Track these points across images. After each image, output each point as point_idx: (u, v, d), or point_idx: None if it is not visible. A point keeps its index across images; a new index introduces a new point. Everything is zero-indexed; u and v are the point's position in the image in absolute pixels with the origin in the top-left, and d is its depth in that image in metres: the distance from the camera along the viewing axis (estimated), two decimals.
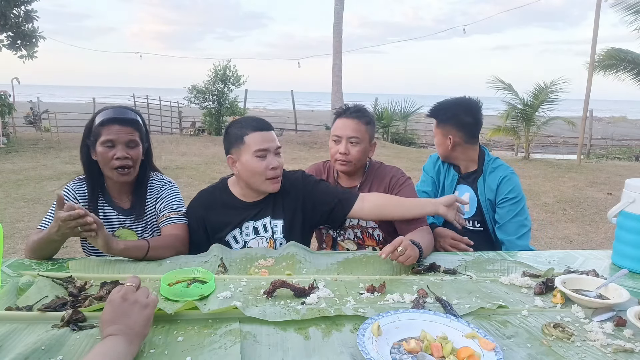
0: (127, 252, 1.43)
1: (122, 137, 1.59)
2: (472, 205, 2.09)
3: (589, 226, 5.44)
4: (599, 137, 16.76)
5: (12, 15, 11.57)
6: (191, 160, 9.73)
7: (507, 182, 2.00)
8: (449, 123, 2.05)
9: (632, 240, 1.48)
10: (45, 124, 14.59)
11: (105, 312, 0.94)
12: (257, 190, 1.68)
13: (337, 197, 1.70)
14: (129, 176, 1.64)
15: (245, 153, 1.60)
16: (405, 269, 1.45)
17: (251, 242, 1.71)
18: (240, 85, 15.79)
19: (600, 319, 1.12)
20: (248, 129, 1.62)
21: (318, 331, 1.05)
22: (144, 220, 1.73)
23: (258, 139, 1.60)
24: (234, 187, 1.74)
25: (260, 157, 1.59)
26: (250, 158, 1.59)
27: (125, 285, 0.98)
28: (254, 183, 1.64)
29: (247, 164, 1.60)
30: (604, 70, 11.14)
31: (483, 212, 2.07)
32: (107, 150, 1.58)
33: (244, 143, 1.61)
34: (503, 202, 2.00)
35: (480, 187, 2.06)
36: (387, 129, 15.00)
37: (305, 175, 1.78)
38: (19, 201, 5.92)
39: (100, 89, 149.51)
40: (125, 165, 1.60)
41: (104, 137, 1.58)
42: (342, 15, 13.94)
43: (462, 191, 2.11)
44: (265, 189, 1.65)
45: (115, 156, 1.58)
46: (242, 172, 1.64)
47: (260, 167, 1.59)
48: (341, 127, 1.86)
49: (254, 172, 1.60)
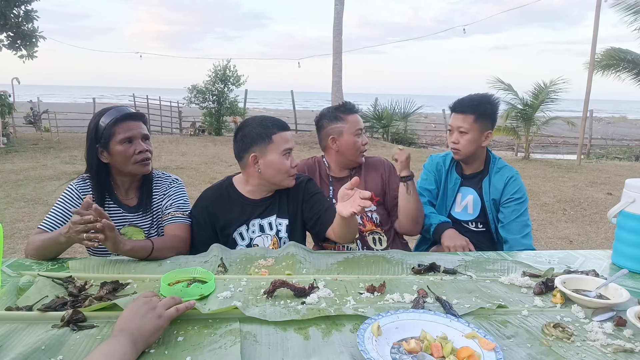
0: (132, 253, 1.46)
1: (137, 132, 1.65)
2: (475, 208, 2.09)
3: (589, 226, 5.44)
4: (599, 137, 16.75)
5: (12, 15, 11.57)
6: (191, 160, 9.73)
7: (513, 183, 2.02)
8: (487, 119, 2.00)
9: (632, 240, 1.48)
10: (45, 124, 14.60)
11: (126, 309, 0.99)
12: (277, 186, 1.73)
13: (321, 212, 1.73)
14: (149, 167, 1.70)
15: (273, 151, 1.67)
16: (405, 269, 1.45)
17: (257, 239, 1.74)
18: (240, 85, 15.79)
19: (600, 319, 1.12)
20: (275, 128, 1.69)
21: (318, 331, 1.05)
22: (149, 216, 1.74)
23: (286, 138, 1.69)
24: (239, 185, 1.78)
25: (286, 156, 1.68)
26: (277, 156, 1.66)
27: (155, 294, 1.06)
28: (276, 179, 1.70)
29: (274, 161, 1.66)
30: (604, 70, 11.14)
31: (487, 212, 2.07)
32: (127, 147, 1.62)
33: (272, 142, 1.67)
34: (508, 201, 2.00)
35: (486, 188, 2.06)
36: (387, 129, 14.99)
37: (310, 181, 1.84)
38: (19, 201, 5.92)
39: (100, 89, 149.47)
40: (146, 157, 1.66)
41: (121, 135, 1.60)
42: (342, 15, 13.93)
43: (465, 194, 2.11)
44: (287, 184, 1.72)
45: (137, 150, 1.63)
46: (266, 169, 1.68)
47: (287, 165, 1.68)
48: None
49: (280, 169, 1.67)
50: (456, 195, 2.12)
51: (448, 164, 2.15)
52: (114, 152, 1.62)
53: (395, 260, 1.52)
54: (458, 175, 2.12)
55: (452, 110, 2.05)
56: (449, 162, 2.15)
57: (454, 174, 2.12)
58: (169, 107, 18.07)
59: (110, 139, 1.60)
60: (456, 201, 2.12)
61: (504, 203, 2.02)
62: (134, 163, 1.64)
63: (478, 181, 2.09)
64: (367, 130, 12.93)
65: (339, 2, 13.51)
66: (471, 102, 2.00)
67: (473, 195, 2.09)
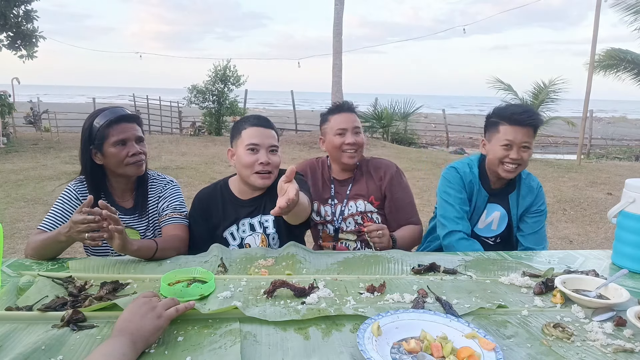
0: (138, 253, 1.46)
1: (131, 134, 1.64)
2: (500, 224, 1.97)
3: (589, 226, 5.44)
4: (599, 137, 16.76)
5: (12, 15, 11.57)
6: (191, 160, 9.73)
7: (540, 193, 1.96)
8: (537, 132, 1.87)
9: (632, 240, 1.48)
10: (45, 124, 14.59)
11: (126, 309, 0.99)
12: (248, 184, 1.73)
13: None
14: (142, 167, 1.69)
15: (240, 146, 1.69)
16: (405, 269, 1.45)
17: (248, 238, 1.75)
18: (240, 85, 15.78)
19: (600, 319, 1.12)
20: (247, 123, 1.71)
21: (318, 331, 1.05)
22: (145, 219, 1.73)
23: (252, 134, 1.68)
24: (233, 184, 1.81)
25: (251, 151, 1.67)
26: (242, 151, 1.68)
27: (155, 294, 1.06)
28: (243, 176, 1.71)
29: (240, 156, 1.69)
30: (604, 70, 11.15)
31: (512, 229, 1.97)
32: (120, 149, 1.61)
33: (240, 136, 1.70)
34: (534, 213, 1.94)
35: (513, 202, 1.94)
36: (387, 129, 14.99)
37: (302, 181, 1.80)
38: (19, 201, 5.92)
39: (100, 89, 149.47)
40: (139, 160, 1.65)
41: (114, 137, 1.60)
42: (342, 16, 13.93)
43: (490, 210, 1.97)
44: (253, 182, 1.69)
45: (130, 153, 1.62)
46: (237, 165, 1.72)
47: (249, 160, 1.66)
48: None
49: (244, 164, 1.68)
50: (482, 213, 1.97)
51: (477, 178, 1.95)
52: (107, 154, 1.61)
53: (395, 260, 1.52)
54: (485, 191, 1.96)
55: (513, 123, 1.82)
56: (477, 175, 1.96)
57: (483, 190, 1.95)
58: (169, 107, 18.06)
59: (104, 140, 1.60)
60: (480, 218, 1.98)
61: (530, 214, 1.94)
62: (127, 165, 1.63)
63: (505, 196, 1.96)
64: (366, 130, 12.91)
65: (339, 2, 13.50)
66: (532, 115, 1.84)
67: (500, 212, 1.97)
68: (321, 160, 2.17)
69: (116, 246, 1.39)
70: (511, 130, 1.82)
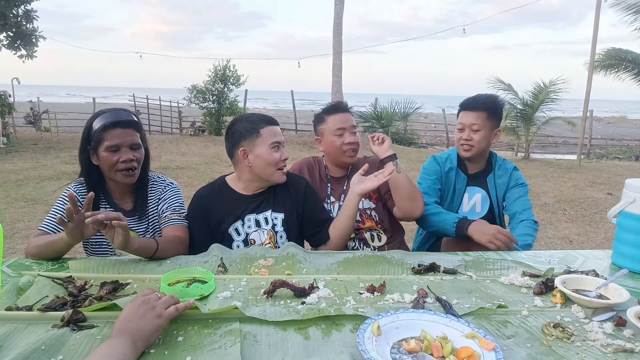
0: (139, 251, 1.45)
1: (125, 140, 1.61)
2: (484, 206, 2.11)
3: (589, 226, 5.44)
4: (599, 137, 16.76)
5: (11, 15, 11.57)
6: (191, 160, 9.73)
7: (516, 171, 2.11)
8: (496, 117, 2.06)
9: (632, 240, 1.48)
10: (45, 124, 14.60)
11: (125, 309, 0.98)
12: (267, 181, 1.75)
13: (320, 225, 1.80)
14: (133, 177, 1.66)
15: (261, 145, 1.69)
16: (405, 269, 1.45)
17: (253, 234, 1.75)
18: (240, 85, 15.78)
19: (600, 319, 1.12)
20: (262, 122, 1.72)
21: (318, 331, 1.05)
22: (145, 221, 1.73)
23: (273, 132, 1.72)
24: (232, 182, 1.81)
25: (275, 149, 1.70)
26: (266, 149, 1.69)
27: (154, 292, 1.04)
28: (266, 173, 1.72)
29: (263, 155, 1.69)
30: (604, 70, 11.15)
31: (494, 209, 2.10)
32: (111, 155, 1.59)
33: (259, 136, 1.70)
34: (514, 186, 2.07)
35: (491, 184, 2.09)
36: (387, 129, 14.98)
37: (309, 185, 1.87)
38: (19, 201, 5.92)
39: (100, 89, 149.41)
40: (130, 167, 1.62)
41: (107, 142, 1.58)
42: (342, 15, 13.92)
43: (472, 193, 2.12)
44: (276, 179, 1.74)
45: (121, 159, 1.60)
46: (256, 164, 1.70)
47: (275, 158, 1.70)
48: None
49: (269, 162, 1.69)
50: (463, 196, 2.12)
51: (455, 162, 2.13)
52: (100, 158, 1.61)
53: (395, 260, 1.51)
54: (464, 175, 2.12)
55: (464, 108, 2.07)
56: (456, 161, 2.13)
57: (461, 174, 2.12)
58: (169, 107, 18.05)
59: (99, 144, 1.59)
60: (463, 201, 2.13)
61: (510, 188, 2.08)
62: (117, 171, 1.61)
63: (483, 179, 2.11)
64: (366, 130, 12.90)
65: (339, 2, 13.50)
66: (484, 100, 2.06)
67: (481, 194, 2.11)
68: (317, 159, 2.20)
69: (118, 243, 1.37)
70: (462, 115, 2.07)
